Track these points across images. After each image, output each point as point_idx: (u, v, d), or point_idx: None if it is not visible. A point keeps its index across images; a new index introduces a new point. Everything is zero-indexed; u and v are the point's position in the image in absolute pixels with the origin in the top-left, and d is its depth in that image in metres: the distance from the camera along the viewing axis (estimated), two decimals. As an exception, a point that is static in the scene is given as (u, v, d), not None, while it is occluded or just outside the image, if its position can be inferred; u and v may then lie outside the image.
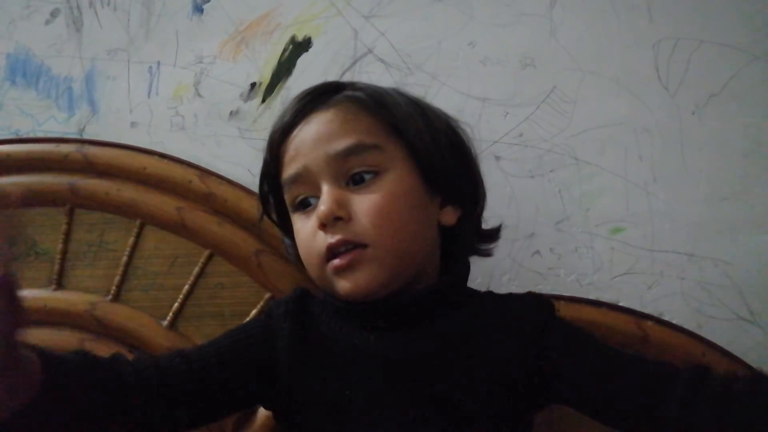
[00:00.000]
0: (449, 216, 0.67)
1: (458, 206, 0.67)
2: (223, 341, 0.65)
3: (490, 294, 0.72)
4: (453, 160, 0.66)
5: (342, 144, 0.62)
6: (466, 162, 0.69)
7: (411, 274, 0.63)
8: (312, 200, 0.64)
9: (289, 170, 0.64)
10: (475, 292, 0.71)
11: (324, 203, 0.60)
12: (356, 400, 0.61)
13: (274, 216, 0.73)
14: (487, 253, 0.73)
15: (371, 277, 0.60)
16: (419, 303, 0.63)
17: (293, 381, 0.63)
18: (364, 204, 0.60)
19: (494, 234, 0.74)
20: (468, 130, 0.87)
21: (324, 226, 0.60)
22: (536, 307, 0.66)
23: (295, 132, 0.64)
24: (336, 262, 0.60)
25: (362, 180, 0.61)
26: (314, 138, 0.63)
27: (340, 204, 0.60)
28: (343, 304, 0.64)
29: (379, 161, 0.62)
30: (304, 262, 0.66)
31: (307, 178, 0.63)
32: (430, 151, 0.64)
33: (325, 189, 0.61)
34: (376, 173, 0.62)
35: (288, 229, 0.69)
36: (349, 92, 0.66)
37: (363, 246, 0.60)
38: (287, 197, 0.66)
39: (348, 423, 0.61)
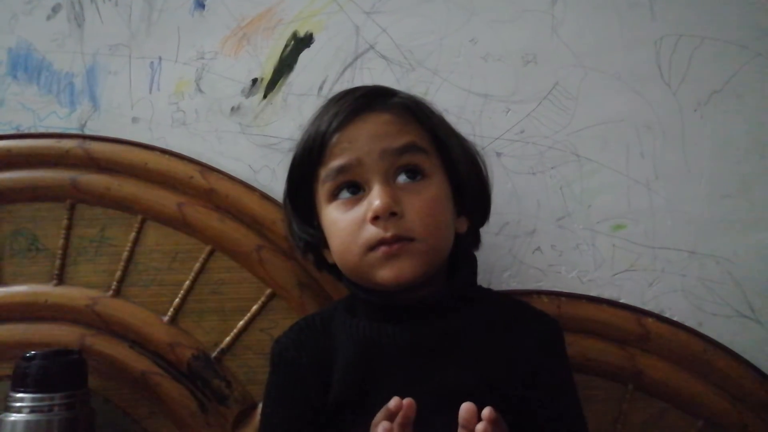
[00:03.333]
0: (462, 225, 0.73)
1: (468, 218, 0.74)
2: (281, 411, 0.71)
3: (505, 296, 0.79)
4: (475, 178, 0.73)
5: (399, 142, 0.67)
6: (483, 182, 0.75)
7: (436, 271, 0.68)
8: (351, 191, 0.68)
9: (339, 160, 0.67)
10: (486, 290, 0.77)
11: (380, 198, 0.65)
12: (375, 393, 0.65)
13: (297, 201, 0.75)
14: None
15: (414, 267, 0.65)
16: (443, 298, 0.68)
17: (325, 387, 0.69)
18: (416, 203, 0.66)
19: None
20: (469, 126, 0.88)
21: (376, 219, 0.64)
22: (553, 330, 0.72)
23: (351, 126, 0.68)
24: (385, 248, 0.65)
25: (412, 178, 0.67)
26: (372, 134, 0.67)
27: (396, 201, 0.65)
28: (371, 296, 0.68)
29: (425, 165, 0.68)
30: (340, 250, 0.69)
31: (355, 170, 0.67)
32: (462, 166, 0.71)
33: (379, 184, 0.66)
34: (423, 176, 0.68)
35: (305, 217, 0.73)
36: (398, 99, 0.71)
37: (410, 239, 0.65)
38: (327, 186, 0.69)
39: (368, 415, 0.65)
